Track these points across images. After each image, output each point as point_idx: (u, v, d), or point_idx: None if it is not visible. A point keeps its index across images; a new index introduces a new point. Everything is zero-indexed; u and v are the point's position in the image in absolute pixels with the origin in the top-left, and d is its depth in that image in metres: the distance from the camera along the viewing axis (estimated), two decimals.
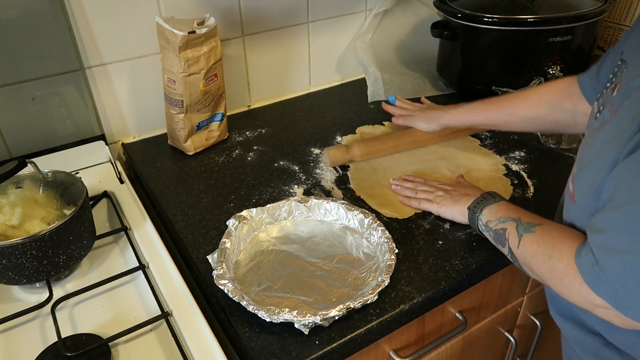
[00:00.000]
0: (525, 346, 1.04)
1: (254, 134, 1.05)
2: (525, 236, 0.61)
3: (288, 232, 0.76)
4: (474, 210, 0.72)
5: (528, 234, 0.61)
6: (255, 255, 0.72)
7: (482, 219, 0.70)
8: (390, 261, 0.67)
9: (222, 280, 0.64)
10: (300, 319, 0.59)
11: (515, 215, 0.65)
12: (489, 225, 0.69)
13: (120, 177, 0.92)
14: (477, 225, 0.72)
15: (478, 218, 0.71)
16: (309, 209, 0.79)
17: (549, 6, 1.05)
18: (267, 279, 0.68)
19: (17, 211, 0.72)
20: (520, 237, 0.62)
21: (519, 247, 0.62)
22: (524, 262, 0.62)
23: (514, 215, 0.65)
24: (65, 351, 0.61)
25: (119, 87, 0.98)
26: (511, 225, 0.64)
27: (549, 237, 0.59)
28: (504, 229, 0.65)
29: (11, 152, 0.92)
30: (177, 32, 0.84)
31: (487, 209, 0.70)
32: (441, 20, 1.14)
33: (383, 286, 0.64)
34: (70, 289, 0.73)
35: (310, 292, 0.65)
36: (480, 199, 0.72)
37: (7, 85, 0.87)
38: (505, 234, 0.65)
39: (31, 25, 0.84)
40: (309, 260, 0.71)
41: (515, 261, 0.64)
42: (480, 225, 0.71)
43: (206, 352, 0.60)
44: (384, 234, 0.71)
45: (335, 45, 1.25)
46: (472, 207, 0.73)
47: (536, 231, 0.61)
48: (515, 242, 0.63)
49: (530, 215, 0.65)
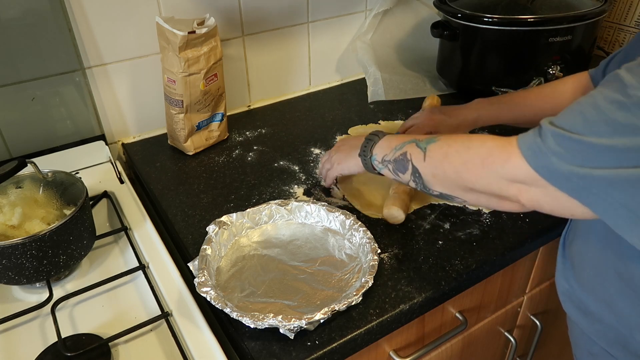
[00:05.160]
0: (525, 346, 1.04)
1: (254, 134, 1.05)
2: (431, 146, 0.61)
3: (269, 236, 0.76)
4: (364, 154, 0.70)
5: (433, 144, 0.60)
6: (237, 261, 0.71)
7: (376, 158, 0.69)
8: (373, 262, 0.66)
9: (204, 287, 0.63)
10: (285, 324, 0.59)
11: (409, 138, 0.64)
12: (385, 159, 0.67)
13: (120, 177, 0.92)
14: (374, 167, 0.70)
15: (372, 160, 0.70)
16: (290, 212, 0.78)
17: (549, 6, 1.05)
18: (250, 285, 0.67)
19: (17, 211, 0.72)
20: (425, 149, 0.61)
21: (426, 159, 0.61)
22: (434, 173, 0.60)
23: (408, 139, 0.64)
24: (65, 351, 0.61)
25: (119, 87, 0.98)
26: (410, 146, 0.63)
27: (459, 138, 0.59)
28: (404, 152, 0.64)
29: (11, 152, 0.92)
30: (177, 32, 0.84)
31: (376, 147, 0.69)
32: (441, 20, 1.14)
33: (367, 287, 0.63)
34: (70, 289, 0.73)
35: (294, 296, 0.65)
36: (365, 143, 0.71)
37: (7, 85, 0.87)
38: (406, 156, 0.63)
39: (31, 25, 0.84)
40: (291, 263, 0.71)
41: (420, 181, 0.63)
42: (376, 165, 0.69)
43: (206, 352, 0.60)
44: (365, 235, 0.71)
45: (335, 45, 1.25)
46: (361, 153, 0.71)
47: (441, 139, 0.60)
48: (420, 157, 0.61)
49: (425, 135, 0.64)
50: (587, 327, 0.68)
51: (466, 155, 0.57)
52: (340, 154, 0.78)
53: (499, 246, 0.73)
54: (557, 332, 1.08)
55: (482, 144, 0.56)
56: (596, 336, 0.67)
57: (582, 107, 0.48)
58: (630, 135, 0.43)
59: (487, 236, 0.75)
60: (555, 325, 1.05)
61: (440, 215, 0.79)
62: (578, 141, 0.46)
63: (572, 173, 0.47)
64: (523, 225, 0.77)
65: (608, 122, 0.44)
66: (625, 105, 0.43)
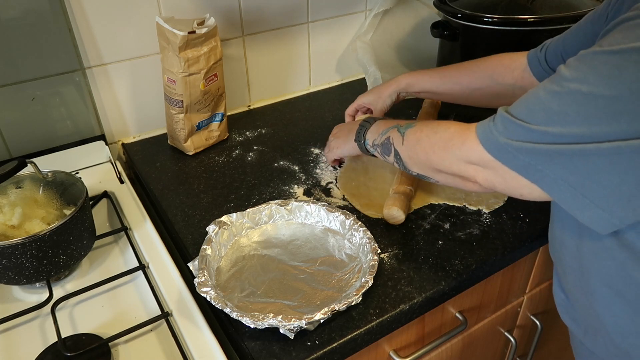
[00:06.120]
0: (525, 346, 1.04)
1: (254, 134, 1.05)
2: (408, 131, 0.67)
3: (269, 236, 0.76)
4: (359, 139, 0.77)
5: (410, 129, 0.67)
6: (237, 261, 0.71)
7: (368, 142, 0.75)
8: (373, 262, 0.67)
9: (204, 287, 0.63)
10: (285, 324, 0.59)
11: (394, 124, 0.70)
12: (375, 144, 0.73)
13: (120, 177, 0.92)
14: (368, 151, 0.77)
15: (365, 144, 0.76)
16: (290, 212, 0.78)
17: (549, 6, 1.05)
18: (250, 285, 0.67)
19: (17, 211, 0.72)
20: (403, 134, 0.67)
21: (404, 143, 0.67)
22: (410, 156, 0.66)
23: (392, 125, 0.70)
24: (65, 351, 0.61)
25: (119, 87, 0.98)
26: (393, 131, 0.69)
27: (430, 123, 0.65)
28: (388, 137, 0.70)
29: (11, 152, 0.92)
30: (177, 32, 0.84)
31: (368, 133, 0.76)
32: (441, 20, 1.14)
33: (367, 287, 0.63)
34: (70, 289, 0.73)
35: (294, 296, 0.65)
36: (359, 129, 0.77)
37: (7, 85, 0.87)
38: (390, 141, 0.69)
39: (31, 25, 0.84)
40: (291, 263, 0.71)
41: (401, 163, 0.68)
42: (369, 148, 0.76)
43: (206, 352, 0.60)
44: (365, 235, 0.71)
45: (335, 45, 1.25)
46: (356, 138, 0.78)
47: (417, 125, 0.66)
48: (399, 141, 0.67)
49: (407, 120, 0.70)
50: (584, 339, 0.67)
51: (433, 138, 0.62)
52: (338, 140, 0.85)
53: (499, 246, 0.73)
54: (557, 332, 1.08)
55: (447, 128, 0.61)
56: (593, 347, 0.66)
57: (528, 97, 0.52)
58: (562, 122, 0.48)
59: (487, 236, 0.75)
60: (555, 325, 1.05)
61: (440, 215, 0.79)
62: (520, 126, 0.51)
63: (517, 150, 0.51)
64: (523, 225, 0.77)
65: (545, 110, 0.49)
66: (559, 95, 0.48)
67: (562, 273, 0.67)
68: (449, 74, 0.87)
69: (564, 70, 0.49)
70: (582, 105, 0.46)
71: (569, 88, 0.47)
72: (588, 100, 0.46)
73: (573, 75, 0.48)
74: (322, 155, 0.96)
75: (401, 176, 0.82)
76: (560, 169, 0.49)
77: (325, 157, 0.93)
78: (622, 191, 0.47)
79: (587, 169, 0.48)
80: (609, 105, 0.45)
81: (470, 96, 0.86)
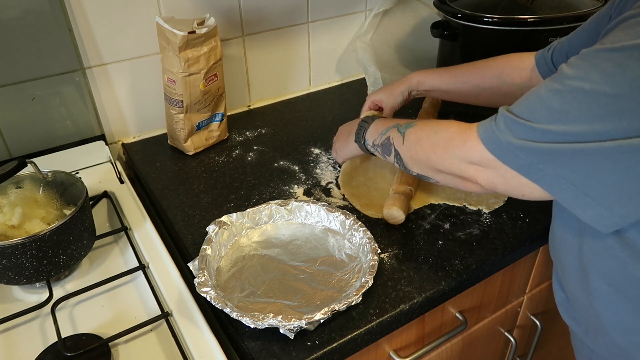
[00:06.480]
0: (525, 346, 1.04)
1: (254, 134, 1.05)
2: (408, 130, 0.66)
3: (269, 236, 0.76)
4: (359, 140, 0.77)
5: (410, 128, 0.66)
6: (237, 261, 0.71)
7: (368, 143, 0.75)
8: (373, 262, 0.67)
9: (204, 287, 0.63)
10: (285, 324, 0.59)
11: (393, 123, 0.70)
12: (375, 143, 0.73)
13: (120, 177, 0.92)
14: (369, 150, 0.76)
15: (365, 145, 0.76)
16: (290, 212, 0.78)
17: (549, 6, 1.05)
18: (250, 285, 0.67)
19: (17, 211, 0.72)
20: (403, 134, 0.66)
21: (404, 143, 0.66)
22: (410, 156, 0.66)
23: (392, 124, 0.70)
24: (65, 351, 0.61)
25: (119, 87, 0.98)
26: (392, 131, 0.69)
27: (430, 123, 0.65)
28: (388, 137, 0.69)
29: (11, 152, 0.92)
30: (177, 32, 0.84)
31: (367, 133, 0.75)
32: (441, 20, 1.14)
33: (367, 287, 0.63)
34: (70, 289, 0.73)
35: (294, 296, 0.65)
36: (358, 129, 0.77)
37: (7, 85, 0.87)
38: (390, 141, 0.69)
39: (31, 25, 0.84)
40: (291, 263, 0.71)
41: (401, 163, 0.68)
42: (370, 148, 0.75)
43: (206, 352, 0.60)
44: (365, 235, 0.71)
45: (335, 45, 1.25)
46: (356, 139, 0.77)
47: (417, 124, 0.66)
48: (399, 141, 0.67)
49: (407, 120, 0.69)
50: (585, 338, 0.67)
51: (434, 138, 0.62)
52: (341, 142, 0.85)
53: (499, 246, 0.73)
54: (557, 332, 1.08)
55: (448, 128, 0.61)
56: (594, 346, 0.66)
57: (529, 95, 0.52)
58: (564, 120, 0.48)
59: (487, 236, 0.75)
60: (556, 325, 1.05)
61: (440, 215, 0.79)
62: (522, 124, 0.50)
63: (518, 149, 0.51)
64: (523, 225, 0.77)
65: (547, 109, 0.49)
66: (561, 93, 0.48)
67: (562, 272, 0.67)
68: (459, 72, 0.87)
69: (565, 68, 0.49)
70: (584, 103, 0.46)
71: (571, 86, 0.47)
72: (590, 98, 0.46)
73: (575, 73, 0.48)
74: (322, 155, 0.96)
75: (401, 176, 0.82)
76: (561, 168, 0.49)
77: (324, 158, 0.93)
78: (623, 189, 0.47)
79: (589, 168, 0.48)
80: (611, 103, 0.45)
81: (479, 95, 0.86)
